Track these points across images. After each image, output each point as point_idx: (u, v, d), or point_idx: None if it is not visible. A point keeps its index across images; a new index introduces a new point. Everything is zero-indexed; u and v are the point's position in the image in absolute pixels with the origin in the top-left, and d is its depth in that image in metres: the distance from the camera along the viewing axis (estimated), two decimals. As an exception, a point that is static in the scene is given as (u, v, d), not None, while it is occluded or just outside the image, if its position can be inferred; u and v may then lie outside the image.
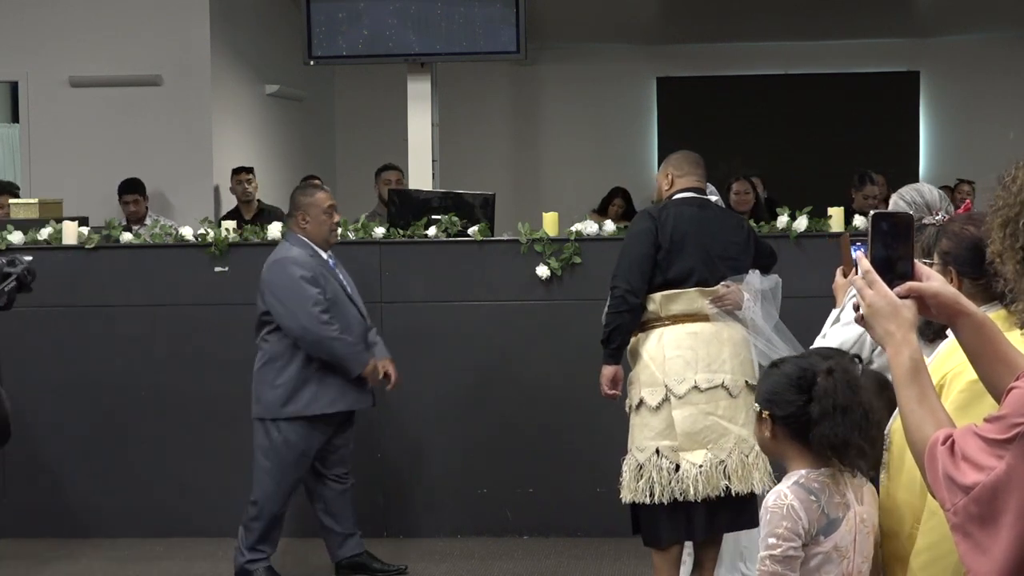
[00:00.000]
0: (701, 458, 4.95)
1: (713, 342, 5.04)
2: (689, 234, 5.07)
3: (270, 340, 5.65)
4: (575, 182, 11.64)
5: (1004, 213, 1.93)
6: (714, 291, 5.06)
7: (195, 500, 6.65)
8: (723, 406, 5.01)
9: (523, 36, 7.76)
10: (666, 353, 5.03)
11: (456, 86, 10.56)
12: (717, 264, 5.09)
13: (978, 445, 1.87)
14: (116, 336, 6.67)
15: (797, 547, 2.78)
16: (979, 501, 1.86)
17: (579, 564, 5.99)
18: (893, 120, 12.01)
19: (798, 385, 2.85)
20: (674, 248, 5.05)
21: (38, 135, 9.51)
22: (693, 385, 4.99)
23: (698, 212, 5.15)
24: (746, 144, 11.71)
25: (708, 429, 4.98)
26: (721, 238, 5.14)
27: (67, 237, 6.71)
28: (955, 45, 11.99)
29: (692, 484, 4.92)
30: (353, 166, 12.05)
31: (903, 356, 2.02)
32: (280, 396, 5.60)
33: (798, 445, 2.86)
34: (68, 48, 9.40)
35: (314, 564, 6.21)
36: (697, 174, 5.28)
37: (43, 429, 6.68)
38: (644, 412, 5.06)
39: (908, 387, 2.01)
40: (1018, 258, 1.90)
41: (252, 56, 10.29)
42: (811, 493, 2.81)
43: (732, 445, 4.99)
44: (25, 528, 6.64)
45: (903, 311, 2.04)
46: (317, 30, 7.83)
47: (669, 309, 5.06)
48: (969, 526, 1.88)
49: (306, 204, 5.65)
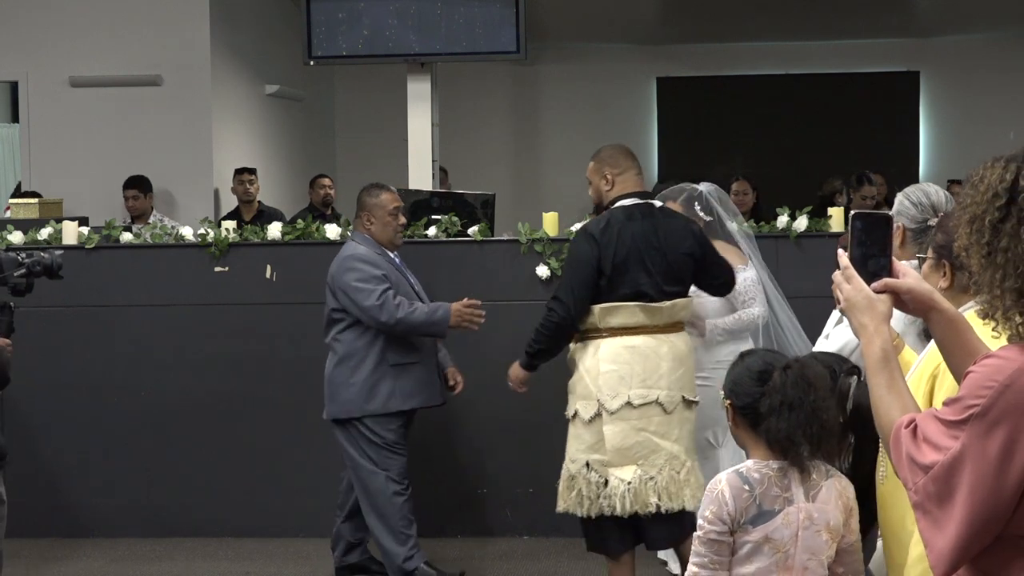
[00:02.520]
0: (630, 474, 4.92)
1: (651, 356, 4.97)
2: (633, 252, 4.96)
3: (342, 339, 5.59)
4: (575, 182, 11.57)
5: (971, 210, 2.05)
6: (657, 308, 4.98)
7: (195, 500, 6.65)
8: (656, 422, 4.96)
9: (523, 36, 7.76)
10: (601, 367, 4.98)
11: (456, 86, 10.56)
12: (662, 280, 5.01)
13: (937, 427, 1.99)
14: (116, 336, 6.67)
15: (721, 532, 2.87)
16: (936, 479, 1.97)
17: (579, 564, 5.99)
18: (893, 120, 12.02)
19: (758, 378, 2.95)
20: (616, 272, 4.95)
21: (38, 135, 9.51)
22: (626, 401, 4.94)
23: (643, 225, 5.00)
24: (746, 144, 11.73)
25: (639, 445, 4.94)
26: (668, 250, 5.02)
27: (67, 237, 6.71)
28: (955, 45, 12.00)
29: (619, 500, 4.89)
30: (353, 166, 12.06)
31: (875, 346, 2.16)
32: (358, 394, 5.53)
33: (755, 435, 2.95)
34: (68, 48, 9.40)
35: (315, 564, 6.21)
36: (636, 169, 5.17)
37: (43, 429, 6.68)
38: (578, 424, 5.05)
39: (878, 374, 2.15)
40: (983, 253, 2.02)
41: (252, 56, 10.29)
42: (746, 483, 2.88)
43: (663, 462, 4.94)
44: (25, 528, 6.64)
45: (878, 305, 2.19)
46: (317, 30, 7.82)
47: (608, 321, 4.99)
48: (928, 504, 1.99)
49: (371, 205, 5.63)
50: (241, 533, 6.60)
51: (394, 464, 5.57)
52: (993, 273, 2.01)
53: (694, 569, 2.91)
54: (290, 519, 6.61)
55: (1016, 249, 1.98)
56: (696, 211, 5.43)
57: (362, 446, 5.58)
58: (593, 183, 5.22)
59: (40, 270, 4.64)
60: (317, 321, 6.55)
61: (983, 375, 1.97)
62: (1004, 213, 2.00)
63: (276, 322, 6.58)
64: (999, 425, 1.93)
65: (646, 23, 11.90)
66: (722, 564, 2.89)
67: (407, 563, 5.54)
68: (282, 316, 6.58)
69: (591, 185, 5.24)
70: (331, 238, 6.56)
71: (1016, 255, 1.98)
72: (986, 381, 1.96)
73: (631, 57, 12.27)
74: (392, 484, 5.54)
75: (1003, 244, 1.99)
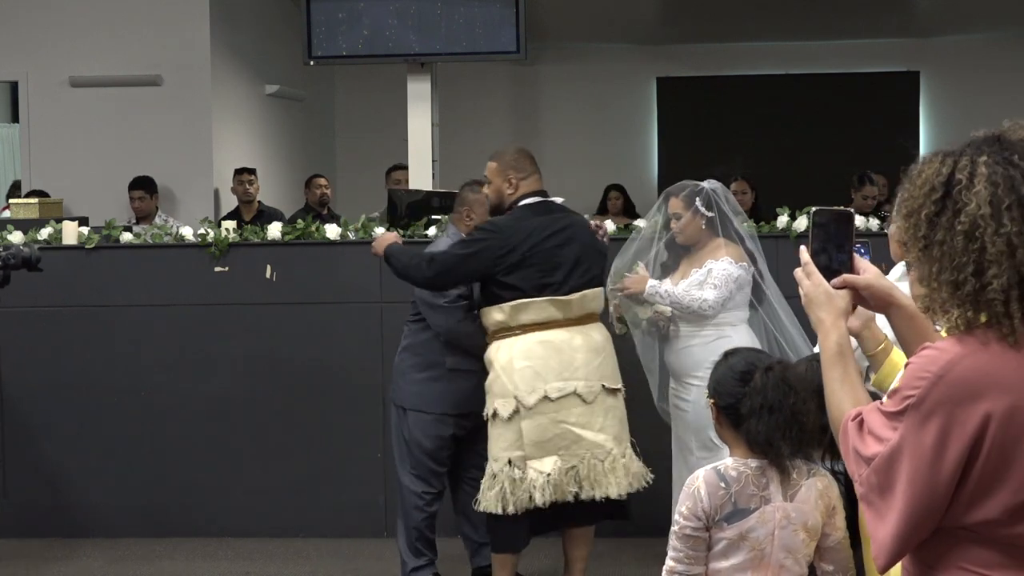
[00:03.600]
0: (549, 466, 4.91)
1: (565, 349, 5.00)
2: (539, 248, 5.02)
3: (410, 328, 5.55)
4: (575, 182, 11.60)
5: (909, 204, 2.07)
6: (565, 301, 5.01)
7: (195, 500, 6.65)
8: (576, 413, 4.96)
9: (523, 36, 7.75)
10: (515, 364, 4.99)
11: (456, 86, 10.56)
12: (570, 273, 5.04)
13: (879, 419, 2.03)
14: (116, 336, 6.67)
15: (696, 528, 2.91)
16: (878, 471, 2.01)
17: (579, 564, 5.98)
18: (893, 120, 12.01)
19: (741, 378, 3.00)
20: (522, 268, 5.00)
21: (38, 135, 9.51)
22: (543, 395, 4.94)
23: (547, 220, 5.09)
24: (746, 144, 11.71)
25: (559, 437, 4.95)
26: (573, 243, 5.08)
27: (67, 237, 6.71)
28: (955, 45, 12.00)
29: (539, 492, 4.88)
30: (353, 166, 12.07)
31: (830, 340, 2.19)
32: (410, 389, 5.49)
33: (736, 434, 2.99)
34: (68, 48, 9.40)
35: (315, 564, 6.21)
36: (539, 174, 5.26)
37: (43, 429, 6.68)
38: (498, 423, 5.04)
39: (832, 369, 2.18)
40: (919, 247, 2.05)
41: (252, 56, 10.29)
42: (723, 480, 2.92)
43: (585, 451, 4.93)
44: (25, 528, 6.64)
45: (836, 300, 2.22)
46: (317, 30, 7.82)
47: (519, 319, 5.01)
48: (871, 495, 2.02)
49: (472, 200, 5.59)
50: (241, 533, 6.60)
51: (420, 470, 5.48)
52: (930, 267, 2.03)
53: (670, 563, 2.95)
54: (290, 519, 6.61)
55: (952, 242, 1.99)
56: (697, 207, 5.41)
57: (399, 436, 5.53)
58: (494, 184, 5.26)
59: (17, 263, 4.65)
60: (317, 321, 6.57)
61: (918, 366, 2.00)
62: (940, 207, 2.02)
63: (276, 322, 6.58)
64: (933, 416, 1.96)
65: (646, 23, 11.90)
66: (698, 559, 2.92)
67: (413, 574, 5.53)
68: (282, 316, 6.58)
69: (490, 184, 5.28)
70: (331, 238, 6.56)
71: (952, 248, 1.99)
72: (921, 372, 1.99)
73: (631, 57, 12.27)
74: (414, 498, 5.49)
75: (939, 237, 2.01)
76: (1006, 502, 1.97)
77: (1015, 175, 2.00)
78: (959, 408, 1.95)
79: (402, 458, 5.54)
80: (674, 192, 5.51)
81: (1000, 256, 1.96)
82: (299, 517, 6.60)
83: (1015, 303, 1.97)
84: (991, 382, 1.96)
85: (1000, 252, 1.96)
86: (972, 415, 1.95)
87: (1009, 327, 1.97)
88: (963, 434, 1.95)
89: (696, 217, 5.40)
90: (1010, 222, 1.96)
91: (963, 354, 1.98)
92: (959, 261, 1.99)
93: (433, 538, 5.55)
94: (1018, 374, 1.97)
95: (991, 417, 1.95)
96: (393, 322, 6.33)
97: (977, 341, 1.99)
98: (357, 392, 6.54)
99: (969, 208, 1.98)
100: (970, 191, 1.99)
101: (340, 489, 6.56)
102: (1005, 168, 2.01)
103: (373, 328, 6.51)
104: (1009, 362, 1.97)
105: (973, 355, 1.98)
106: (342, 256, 6.56)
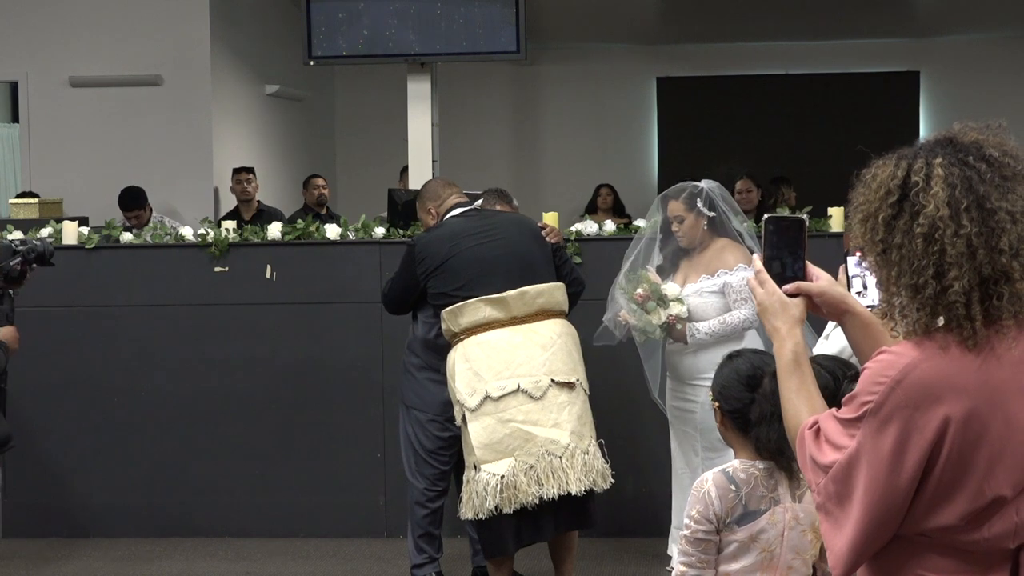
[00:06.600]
0: (504, 468, 4.82)
1: (504, 348, 4.93)
2: (468, 252, 5.02)
3: (414, 324, 5.53)
4: (575, 182, 11.64)
5: (864, 209, 2.05)
6: (501, 299, 4.97)
7: (195, 500, 6.65)
8: (524, 411, 4.87)
9: (523, 36, 7.76)
10: (456, 368, 4.97)
11: (456, 86, 10.57)
12: (507, 272, 5.00)
13: (836, 427, 2.00)
14: (116, 336, 6.67)
15: (708, 531, 2.89)
16: (835, 479, 1.98)
17: (579, 564, 5.98)
18: (893, 120, 12.01)
19: (747, 383, 2.96)
20: (444, 269, 5.02)
21: (38, 135, 9.51)
22: (485, 395, 4.88)
23: (473, 224, 5.11)
24: (746, 144, 11.71)
25: (509, 437, 4.85)
26: (505, 242, 5.06)
27: (67, 237, 6.71)
28: (955, 45, 12.00)
29: (492, 495, 4.79)
30: (353, 166, 12.07)
31: (786, 349, 2.17)
32: (412, 387, 5.51)
33: (742, 437, 2.96)
34: (68, 48, 9.40)
35: (315, 564, 6.22)
36: (457, 192, 5.34)
37: (43, 429, 6.68)
38: (464, 429, 5.01)
39: (789, 378, 2.16)
40: (877, 251, 2.03)
41: (252, 56, 10.29)
42: (733, 483, 2.90)
43: (539, 449, 4.83)
44: (25, 528, 6.64)
45: (791, 308, 2.19)
46: (317, 30, 7.82)
47: (459, 323, 4.99)
48: (829, 504, 2.00)
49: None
50: (241, 533, 6.60)
51: (420, 467, 5.49)
52: (888, 271, 2.01)
53: (681, 568, 2.93)
54: (290, 519, 6.61)
55: (910, 245, 1.97)
56: (699, 208, 5.39)
57: (402, 432, 5.55)
58: (423, 221, 5.47)
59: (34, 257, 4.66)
60: (317, 321, 6.57)
61: (875, 371, 1.97)
62: (896, 210, 2.00)
63: (276, 322, 6.58)
64: (891, 421, 1.94)
65: (646, 23, 11.90)
66: (708, 563, 2.91)
67: (415, 570, 5.54)
68: (282, 316, 6.58)
69: (422, 224, 5.50)
70: (331, 238, 6.56)
71: (911, 251, 1.97)
72: (878, 377, 1.96)
73: (631, 57, 12.27)
74: (417, 495, 5.50)
75: (896, 241, 1.99)
76: (964, 507, 1.94)
77: (972, 176, 1.97)
78: (917, 413, 1.93)
79: (406, 455, 5.56)
80: (672, 195, 5.45)
81: (960, 258, 1.93)
82: (299, 517, 6.60)
83: (976, 305, 1.94)
84: (949, 386, 1.93)
85: (960, 254, 1.93)
86: (931, 420, 1.93)
87: (971, 329, 1.94)
88: (922, 439, 1.93)
89: (699, 218, 5.39)
90: (969, 223, 1.94)
91: (920, 358, 1.95)
92: (918, 264, 1.96)
93: (438, 536, 5.55)
94: (977, 377, 1.94)
95: (950, 421, 1.92)
96: (393, 322, 6.33)
97: (935, 345, 1.96)
98: (357, 392, 6.54)
99: (927, 210, 1.96)
100: (927, 193, 1.97)
101: (340, 489, 6.56)
102: (961, 169, 1.98)
103: (373, 328, 6.51)
104: (968, 365, 1.94)
105: (931, 359, 1.95)
106: (342, 256, 6.56)
